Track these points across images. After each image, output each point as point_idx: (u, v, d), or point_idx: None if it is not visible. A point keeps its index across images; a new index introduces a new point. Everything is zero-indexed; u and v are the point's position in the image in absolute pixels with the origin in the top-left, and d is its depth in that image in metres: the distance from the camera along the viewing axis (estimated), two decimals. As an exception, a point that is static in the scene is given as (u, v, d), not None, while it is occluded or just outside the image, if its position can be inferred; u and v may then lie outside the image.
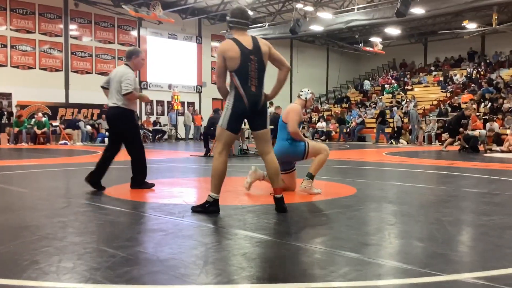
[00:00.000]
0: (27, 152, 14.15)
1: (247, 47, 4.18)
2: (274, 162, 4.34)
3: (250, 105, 4.19)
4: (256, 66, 4.19)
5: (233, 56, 4.13)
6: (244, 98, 4.17)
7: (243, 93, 4.17)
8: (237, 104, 4.19)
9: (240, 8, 4.42)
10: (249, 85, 4.18)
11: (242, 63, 4.15)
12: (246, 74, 4.16)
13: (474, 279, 2.46)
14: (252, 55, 4.18)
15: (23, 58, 20.92)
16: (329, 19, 22.47)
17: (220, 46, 4.25)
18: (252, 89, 4.19)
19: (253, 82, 4.19)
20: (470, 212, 4.50)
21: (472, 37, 26.98)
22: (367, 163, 10.92)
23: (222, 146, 4.29)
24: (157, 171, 8.46)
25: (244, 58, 4.15)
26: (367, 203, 4.90)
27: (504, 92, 23.42)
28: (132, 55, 6.02)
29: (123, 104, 5.80)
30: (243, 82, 4.17)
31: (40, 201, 4.98)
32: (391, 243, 3.26)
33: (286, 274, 2.55)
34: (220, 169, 4.27)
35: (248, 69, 4.16)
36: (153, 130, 23.42)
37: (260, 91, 4.24)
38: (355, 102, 29.85)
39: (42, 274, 2.50)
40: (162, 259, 2.79)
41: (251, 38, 4.26)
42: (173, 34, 25.70)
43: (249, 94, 4.18)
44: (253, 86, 4.19)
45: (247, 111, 4.20)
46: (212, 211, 4.25)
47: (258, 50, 4.21)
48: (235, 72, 4.17)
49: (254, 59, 4.18)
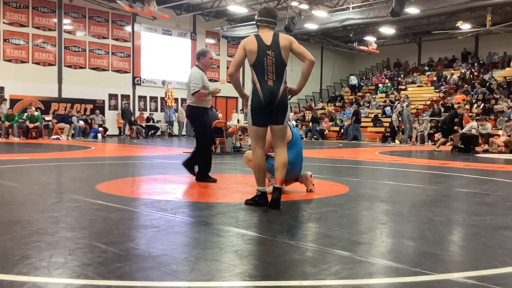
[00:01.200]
0: (19, 147, 14.07)
1: (265, 42, 4.37)
2: (283, 154, 4.48)
3: (266, 99, 4.34)
4: (273, 61, 4.34)
5: (252, 49, 4.35)
6: (260, 92, 4.35)
7: (259, 87, 4.36)
8: (254, 98, 4.39)
9: (266, 7, 4.67)
10: (265, 79, 4.35)
11: (259, 58, 4.34)
12: (263, 69, 4.35)
13: (465, 278, 2.47)
14: (269, 50, 4.34)
15: (16, 52, 20.78)
16: (324, 18, 22.48)
17: (243, 40, 4.48)
18: (268, 83, 4.35)
19: (270, 76, 4.35)
20: (461, 212, 4.52)
21: (466, 37, 27.08)
22: (360, 162, 10.95)
23: (255, 142, 4.51)
24: (150, 167, 8.44)
25: (261, 53, 4.34)
26: (359, 202, 4.92)
27: (497, 93, 23.55)
28: (200, 56, 6.48)
29: (193, 102, 6.33)
30: (260, 76, 4.36)
31: (32, 196, 4.96)
32: (383, 242, 3.28)
33: (278, 271, 2.55)
34: (258, 163, 4.47)
35: (264, 63, 4.34)
36: (146, 126, 23.36)
37: (277, 85, 4.37)
38: (349, 101, 29.91)
39: (33, 269, 2.49)
40: (154, 255, 2.78)
41: (272, 34, 4.44)
42: (167, 30, 25.62)
43: (264, 88, 4.35)
44: (270, 80, 4.36)
45: (264, 105, 4.36)
46: (261, 203, 4.42)
47: (276, 45, 4.36)
48: (252, 66, 4.39)
49: (271, 54, 4.34)
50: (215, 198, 5.15)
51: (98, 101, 23.06)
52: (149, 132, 23.30)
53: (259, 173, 4.49)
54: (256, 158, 4.49)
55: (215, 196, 5.32)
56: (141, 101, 24.83)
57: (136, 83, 24.56)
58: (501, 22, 24.21)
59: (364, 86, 31.84)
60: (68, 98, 22.00)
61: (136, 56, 24.50)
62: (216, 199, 5.09)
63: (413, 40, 32.73)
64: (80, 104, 22.33)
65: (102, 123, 22.14)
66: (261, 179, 4.51)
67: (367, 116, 26.00)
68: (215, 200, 4.96)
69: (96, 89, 22.88)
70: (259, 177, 4.50)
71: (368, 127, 24.79)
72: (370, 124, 24.95)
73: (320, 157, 12.10)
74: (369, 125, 24.94)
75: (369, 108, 27.21)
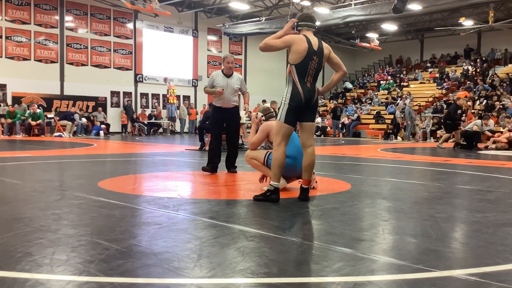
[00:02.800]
0: (21, 144, 14.09)
1: (314, 47, 4.54)
2: (312, 155, 4.68)
3: (306, 100, 4.55)
4: (315, 66, 4.57)
5: (300, 50, 4.48)
6: (301, 93, 4.53)
7: (300, 88, 4.53)
8: (294, 98, 4.54)
9: (307, 14, 4.79)
10: (305, 81, 4.55)
11: (305, 60, 4.51)
12: (305, 71, 4.53)
13: (467, 275, 2.47)
14: (315, 55, 4.54)
15: (18, 49, 20.79)
16: (326, 14, 22.42)
17: (293, 35, 4.55)
18: (307, 85, 4.56)
19: (309, 79, 4.57)
20: (463, 209, 4.51)
21: (468, 34, 27.02)
22: (361, 159, 10.94)
23: (281, 138, 4.61)
24: (152, 165, 8.45)
25: (308, 56, 4.51)
26: (361, 199, 4.91)
27: (499, 89, 23.50)
28: (222, 60, 7.24)
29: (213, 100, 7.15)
30: (301, 77, 4.53)
31: (34, 193, 4.97)
32: (385, 239, 3.28)
33: (280, 268, 2.55)
34: (279, 159, 4.58)
35: (308, 66, 4.53)
36: (148, 123, 23.37)
37: (314, 87, 4.63)
38: (351, 98, 29.89)
39: (35, 266, 2.49)
40: (156, 253, 2.79)
41: (317, 40, 4.62)
42: (169, 27, 25.61)
43: (305, 89, 4.55)
44: (308, 83, 4.57)
45: (303, 105, 4.56)
46: (273, 199, 4.54)
47: (321, 53, 4.59)
48: (295, 66, 4.53)
49: (315, 59, 4.55)
50: (217, 195, 5.16)
51: (100, 99, 23.07)
52: (151, 129, 23.31)
53: (278, 168, 4.58)
54: (279, 154, 4.59)
55: (217, 193, 5.32)
56: (143, 98, 24.83)
57: (138, 80, 24.56)
58: (503, 19, 24.14)
59: (367, 83, 31.83)
60: (70, 95, 22.03)
61: (138, 53, 24.50)
62: (218, 196, 5.09)
63: (416, 37, 32.66)
64: (82, 102, 22.34)
65: (104, 121, 22.17)
66: (278, 175, 4.60)
67: (369, 113, 25.97)
68: (217, 197, 4.97)
69: (98, 87, 22.90)
70: (277, 172, 4.59)
71: (370, 124, 24.77)
72: (372, 121, 24.92)
73: (322, 154, 12.10)
74: (371, 122, 24.91)
75: (371, 105, 27.17)
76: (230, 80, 6.98)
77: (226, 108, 7.03)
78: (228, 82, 6.97)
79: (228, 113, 7.06)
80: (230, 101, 7.03)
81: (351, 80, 33.24)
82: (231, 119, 7.11)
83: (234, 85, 6.98)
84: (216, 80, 7.00)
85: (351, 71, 34.28)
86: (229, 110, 7.06)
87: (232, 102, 7.07)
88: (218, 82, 6.98)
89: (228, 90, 6.96)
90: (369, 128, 24.40)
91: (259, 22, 24.67)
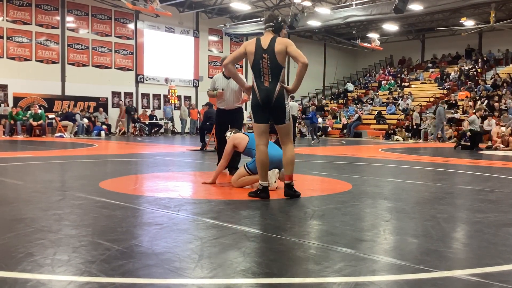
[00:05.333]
0: (23, 144, 14.11)
1: (263, 46, 4.61)
2: (290, 152, 4.76)
3: (262, 99, 4.62)
4: (269, 64, 4.58)
5: (250, 51, 4.66)
6: (257, 92, 4.65)
7: (255, 87, 4.66)
8: (253, 98, 4.72)
9: (269, 14, 4.92)
10: (262, 80, 4.63)
11: (255, 60, 4.63)
12: (259, 70, 4.63)
13: (468, 276, 2.47)
14: (265, 53, 4.58)
15: (19, 49, 20.81)
16: (327, 15, 22.43)
17: (247, 41, 4.85)
18: (264, 84, 4.62)
19: (266, 78, 4.61)
20: (465, 209, 4.51)
21: (469, 34, 27.00)
22: (363, 159, 10.94)
23: (258, 138, 4.77)
24: (153, 165, 8.45)
25: (257, 55, 4.61)
26: (362, 199, 4.91)
27: (501, 89, 23.47)
28: (220, 63, 7.28)
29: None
30: (256, 77, 4.66)
31: (35, 193, 4.97)
32: (386, 239, 3.27)
33: (281, 269, 2.55)
34: (261, 159, 4.71)
35: (260, 66, 4.61)
36: (149, 124, 23.38)
37: (273, 86, 4.61)
38: (352, 98, 29.88)
39: (37, 266, 2.49)
40: (157, 253, 2.79)
41: (270, 39, 4.64)
42: (170, 28, 25.62)
43: (261, 88, 4.63)
44: (266, 82, 4.62)
45: (260, 104, 4.65)
46: (262, 196, 4.71)
47: (271, 50, 4.58)
48: (251, 67, 4.69)
49: (266, 57, 4.58)
50: (218, 195, 5.16)
51: (101, 99, 23.08)
52: (152, 130, 23.31)
53: (262, 168, 4.73)
54: (259, 154, 4.74)
55: (218, 193, 5.32)
56: (144, 98, 24.84)
57: (139, 80, 24.58)
58: (504, 19, 24.14)
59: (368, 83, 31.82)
60: (72, 95, 22.04)
61: (139, 54, 24.51)
62: (219, 196, 5.09)
63: (417, 37, 32.65)
64: (84, 102, 22.35)
65: (105, 121, 22.18)
66: (264, 174, 4.73)
67: (370, 113, 25.96)
68: (218, 198, 4.97)
69: (99, 87, 22.91)
70: (261, 172, 4.72)
71: (371, 124, 24.76)
72: (373, 121, 24.91)
73: (323, 155, 12.10)
74: (372, 122, 24.90)
75: (372, 105, 27.16)
76: (231, 81, 6.94)
77: (229, 110, 7.05)
78: (229, 83, 6.97)
79: (231, 115, 7.06)
80: (232, 103, 7.04)
81: (352, 81, 33.24)
82: (234, 120, 7.07)
83: (234, 86, 6.94)
84: (217, 82, 7.08)
85: (352, 71, 34.30)
86: (232, 112, 7.07)
87: (235, 103, 7.06)
88: (218, 84, 7.04)
89: (229, 92, 6.97)
90: (370, 129, 24.39)
91: (260, 22, 24.64)
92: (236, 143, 5.80)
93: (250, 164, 5.50)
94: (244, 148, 5.74)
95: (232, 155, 6.06)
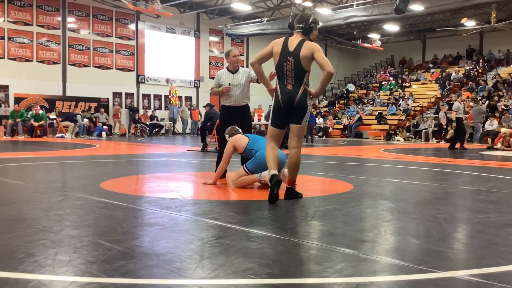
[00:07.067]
0: (24, 145, 14.11)
1: (289, 48, 4.54)
2: (295, 156, 4.68)
3: (284, 101, 4.56)
4: (292, 67, 4.52)
5: (276, 52, 4.59)
6: (279, 94, 4.59)
7: (279, 90, 4.60)
8: (274, 100, 4.65)
9: (300, 14, 4.79)
10: (285, 83, 4.57)
11: (280, 61, 4.57)
12: (282, 73, 4.57)
13: (469, 276, 2.47)
14: (290, 56, 4.52)
15: (20, 50, 20.82)
16: (327, 15, 22.42)
17: (274, 40, 4.70)
18: (287, 87, 4.56)
19: (289, 81, 4.55)
20: (466, 210, 4.51)
21: (470, 34, 26.97)
22: (363, 159, 10.93)
23: (269, 139, 4.76)
24: (154, 165, 8.45)
25: (282, 57, 4.55)
26: (363, 199, 4.91)
27: (502, 90, 23.45)
28: (226, 56, 6.70)
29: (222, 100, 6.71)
30: (280, 79, 4.61)
31: (36, 194, 4.97)
32: (387, 240, 3.27)
33: (282, 269, 2.55)
34: (268, 154, 4.71)
35: (283, 68, 4.55)
36: (150, 124, 23.38)
37: (296, 90, 4.54)
38: (353, 98, 29.86)
39: (38, 267, 2.50)
40: (158, 253, 2.79)
41: (298, 41, 4.57)
42: (171, 28, 25.63)
43: (284, 91, 4.57)
44: (289, 85, 4.56)
45: (282, 107, 4.59)
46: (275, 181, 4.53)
47: (296, 54, 4.51)
48: (275, 68, 4.62)
49: (290, 60, 4.52)
50: (219, 196, 5.16)
51: (102, 99, 23.09)
52: (153, 130, 23.32)
53: (269, 160, 4.69)
54: (268, 150, 4.75)
55: (219, 194, 5.32)
56: (145, 99, 24.85)
57: (140, 81, 24.59)
58: (506, 19, 24.11)
59: (368, 83, 31.81)
60: (73, 96, 22.05)
61: (140, 54, 24.52)
62: (219, 197, 5.09)
63: (418, 37, 32.62)
64: (85, 103, 22.37)
65: (106, 122, 22.19)
66: (271, 165, 4.64)
67: (371, 114, 25.96)
68: (219, 198, 4.97)
69: (100, 87, 22.92)
70: (270, 163, 4.67)
71: (372, 124, 24.75)
72: (374, 121, 24.90)
73: (324, 155, 12.10)
74: (373, 122, 24.89)
75: (373, 105, 27.14)
76: (237, 76, 6.46)
77: (237, 106, 6.48)
78: (235, 78, 6.46)
79: (239, 113, 6.50)
80: (240, 99, 6.48)
81: (353, 81, 33.22)
82: (242, 119, 6.51)
83: (241, 81, 6.43)
84: (221, 78, 6.50)
85: (353, 71, 34.26)
86: (240, 109, 6.51)
87: (243, 99, 6.52)
88: (223, 80, 6.48)
89: (236, 87, 6.43)
90: (371, 129, 24.38)
91: (261, 23, 24.68)
92: (236, 144, 5.78)
93: (249, 164, 5.50)
94: (244, 149, 5.74)
95: None
